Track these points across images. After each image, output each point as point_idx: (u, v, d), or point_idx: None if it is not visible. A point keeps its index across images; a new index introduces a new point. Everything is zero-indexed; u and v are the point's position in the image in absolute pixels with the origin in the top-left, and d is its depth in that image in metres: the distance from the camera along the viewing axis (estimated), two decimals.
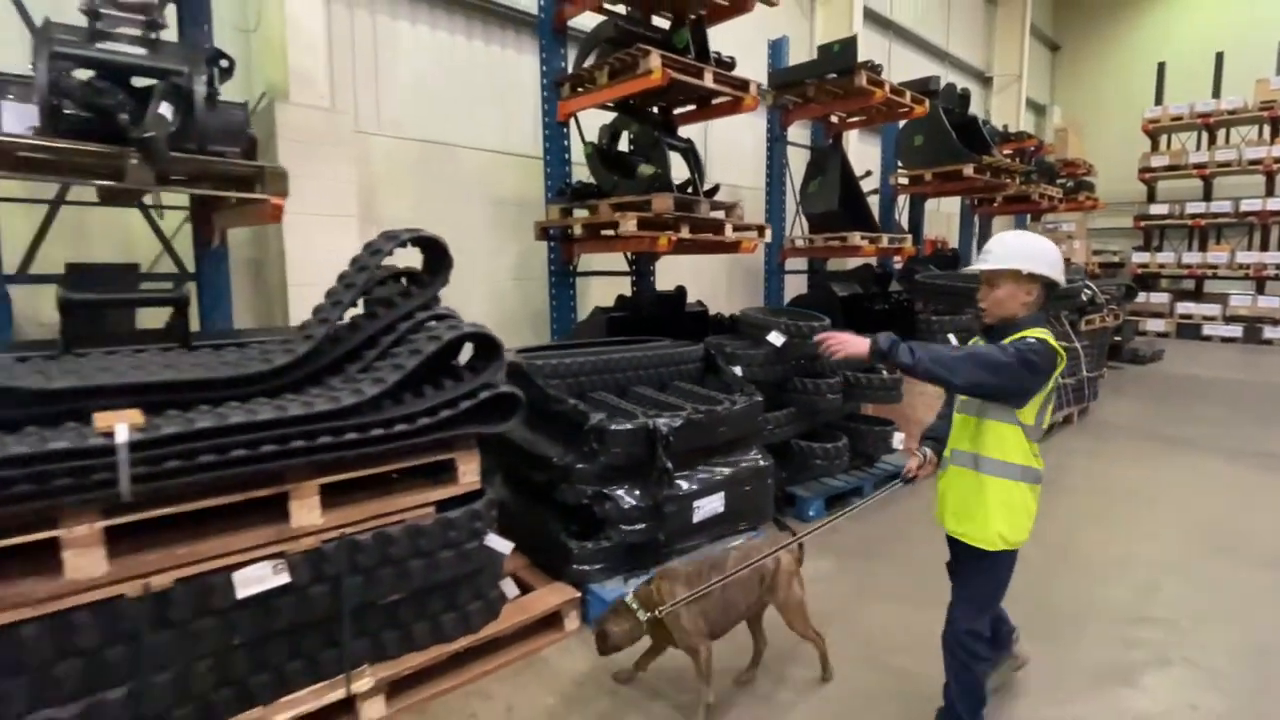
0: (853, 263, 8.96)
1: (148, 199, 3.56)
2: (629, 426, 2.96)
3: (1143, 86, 15.36)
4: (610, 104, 5.30)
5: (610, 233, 5.09)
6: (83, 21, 2.81)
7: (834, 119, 7.80)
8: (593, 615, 2.99)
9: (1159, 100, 14.71)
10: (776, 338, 4.02)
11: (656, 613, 2.25)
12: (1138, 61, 16.53)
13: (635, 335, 4.55)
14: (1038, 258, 2.02)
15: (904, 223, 9.48)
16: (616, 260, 5.98)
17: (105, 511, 1.83)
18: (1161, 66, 14.76)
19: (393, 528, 2.33)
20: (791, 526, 3.18)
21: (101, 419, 1.83)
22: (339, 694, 2.26)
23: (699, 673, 2.32)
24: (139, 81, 2.87)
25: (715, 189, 5.54)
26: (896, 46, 11.71)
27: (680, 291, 5.83)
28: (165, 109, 2.77)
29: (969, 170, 8.42)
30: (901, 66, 11.22)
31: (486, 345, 2.51)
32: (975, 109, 9.98)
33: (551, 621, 2.88)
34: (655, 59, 4.49)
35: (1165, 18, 16.64)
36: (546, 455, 3.07)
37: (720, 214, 5.19)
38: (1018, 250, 2.04)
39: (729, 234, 5.26)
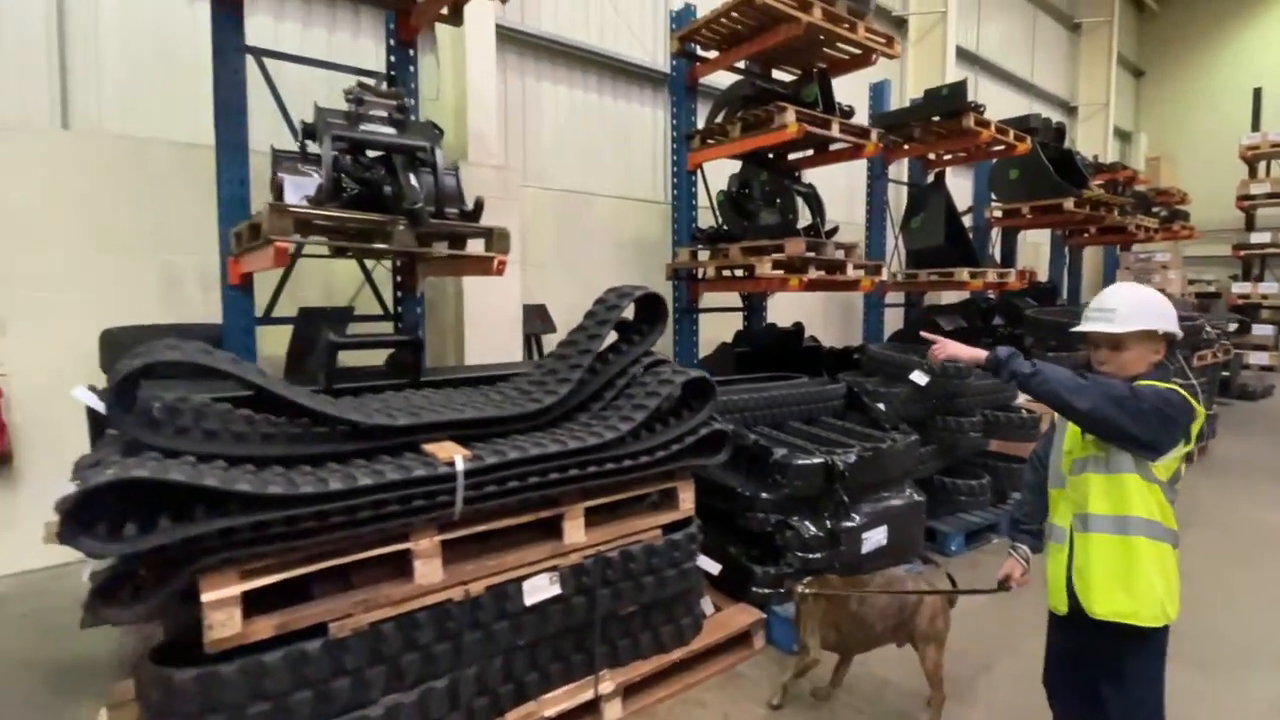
0: (946, 296, 9.05)
1: None
2: (811, 461, 3.22)
3: (1233, 112, 14.88)
4: (736, 154, 5.67)
5: (741, 273, 5.42)
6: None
7: (931, 156, 7.98)
8: (774, 635, 3.24)
9: (1256, 126, 14.21)
10: (920, 377, 4.22)
11: (801, 587, 2.52)
12: (1227, 87, 16.04)
13: (756, 369, 4.84)
14: (1167, 314, 1.89)
15: (996, 255, 9.51)
16: (729, 297, 6.30)
17: (440, 528, 2.21)
18: (1258, 93, 14.31)
19: (633, 547, 2.66)
20: (936, 560, 3.33)
21: (439, 450, 2.23)
22: (589, 694, 2.57)
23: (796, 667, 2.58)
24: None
25: (835, 230, 5.81)
26: (983, 80, 11.80)
27: (798, 328, 6.08)
28: (416, 179, 3.27)
29: (1070, 204, 8.44)
30: (987, 99, 11.27)
31: (703, 388, 2.83)
32: None
33: (743, 639, 3.14)
34: (791, 114, 4.84)
35: (1255, 43, 16.13)
36: (730, 485, 3.36)
37: (842, 254, 5.46)
38: (1146, 308, 1.88)
39: (850, 273, 5.50)
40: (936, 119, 7.01)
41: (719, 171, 5.94)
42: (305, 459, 2.09)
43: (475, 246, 3.48)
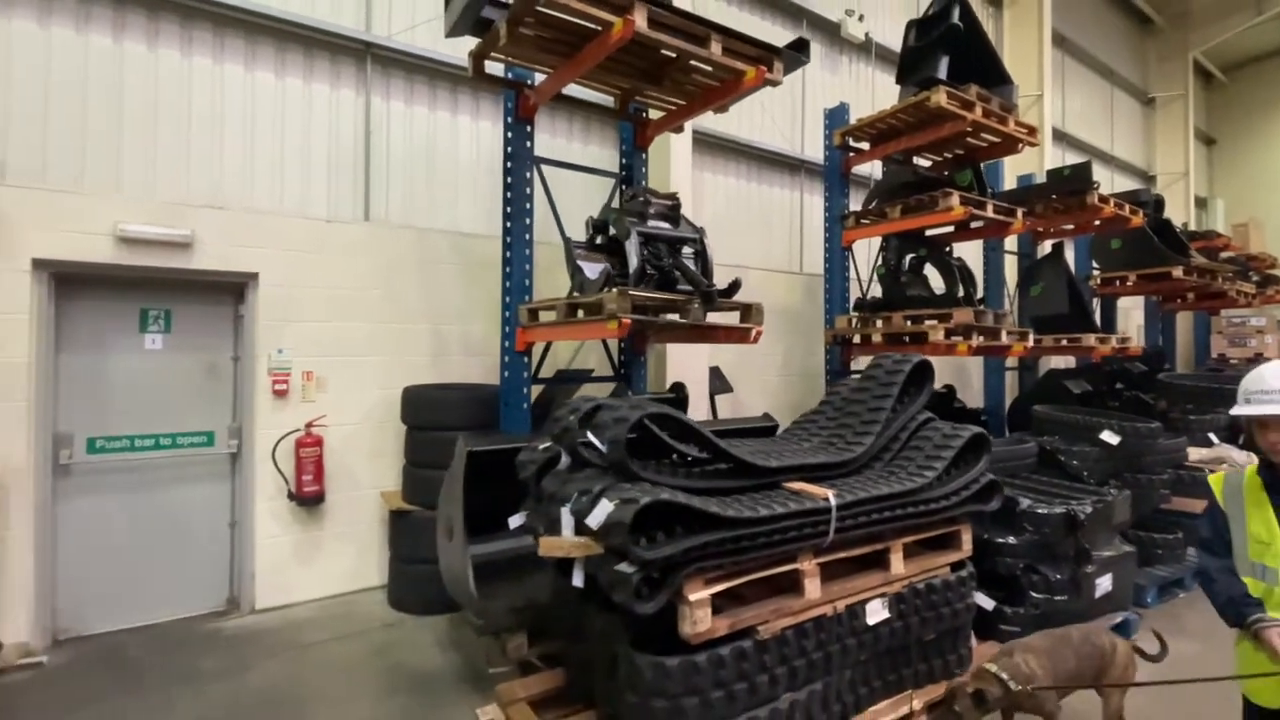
0: (1055, 360, 9.37)
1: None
2: (1054, 511, 3.62)
3: None
4: (891, 233, 6.29)
5: (906, 339, 5.94)
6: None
7: (1039, 229, 8.49)
8: None
9: None
10: (1111, 437, 4.59)
11: (1028, 689, 2.57)
12: None
13: None
14: None
15: (1096, 320, 9.82)
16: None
17: (815, 553, 2.70)
18: None
19: (934, 580, 3.09)
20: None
21: (808, 488, 2.75)
22: (905, 710, 2.95)
23: None
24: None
25: (983, 299, 6.31)
26: (1068, 153, 12.39)
27: (949, 390, 6.52)
28: (692, 264, 3.94)
29: (1178, 272, 8.77)
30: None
31: (978, 442, 3.31)
32: None
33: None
34: (956, 199, 5.44)
35: None
36: (976, 531, 3.76)
37: (993, 322, 5.94)
38: None
39: (1004, 339, 5.96)
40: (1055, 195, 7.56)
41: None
42: (716, 492, 2.63)
43: (731, 319, 4.11)
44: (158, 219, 4.06)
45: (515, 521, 3.12)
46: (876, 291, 6.60)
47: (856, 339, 6.37)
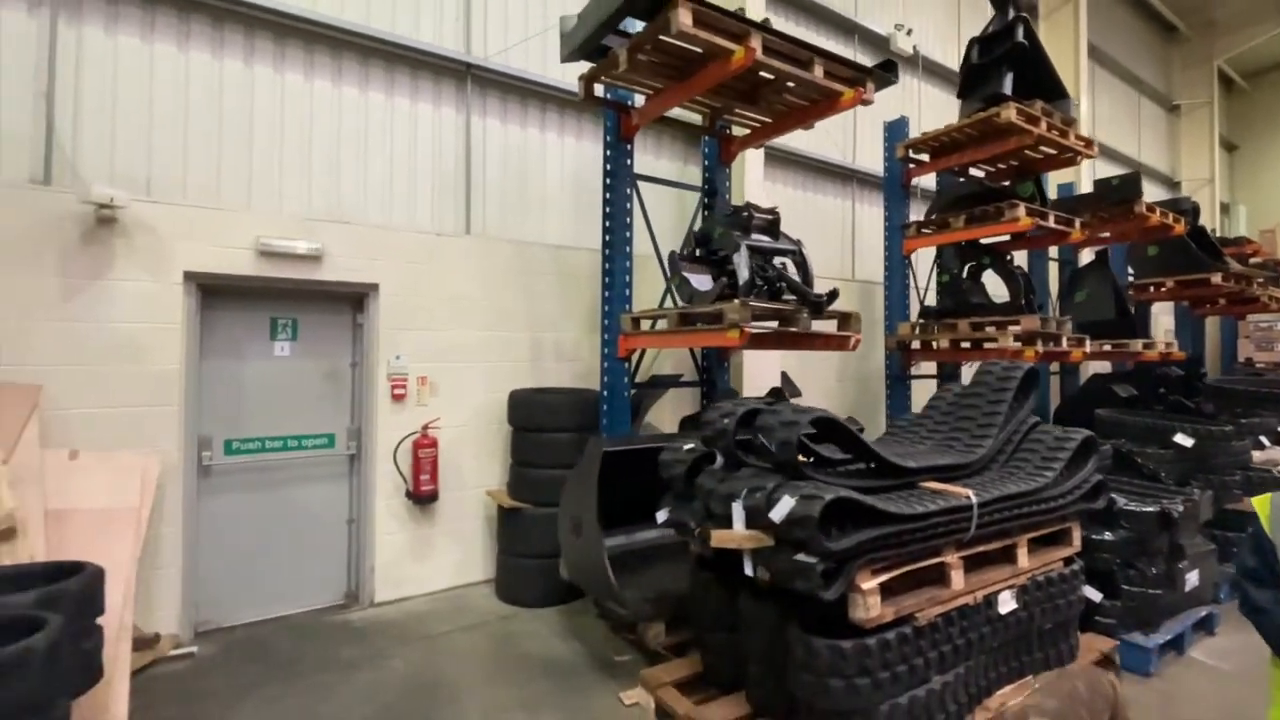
0: (1094, 365, 9.57)
1: None
2: (1149, 509, 3.83)
3: None
4: (952, 242, 6.50)
5: (968, 345, 6.15)
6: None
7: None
8: (1123, 659, 3.76)
9: None
10: (1185, 439, 4.80)
11: None
12: None
13: None
14: None
15: None
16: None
17: (956, 547, 2.92)
18: None
19: (1051, 573, 3.30)
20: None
21: (947, 488, 2.96)
22: (1027, 694, 3.16)
23: None
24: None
25: (1044, 305, 6.52)
26: (1099, 161, 12.59)
27: None
28: (794, 271, 4.17)
29: (1217, 279, 8.97)
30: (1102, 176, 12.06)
31: (1088, 445, 3.52)
32: None
33: (1106, 661, 3.67)
34: (1022, 210, 5.66)
35: None
36: None
37: (1055, 328, 6.15)
38: None
39: (1064, 345, 6.17)
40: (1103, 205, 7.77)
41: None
42: (868, 490, 2.85)
43: (829, 326, 4.33)
44: (293, 233, 4.31)
45: (661, 516, 3.34)
46: (931, 299, 6.83)
47: (916, 344, 6.58)
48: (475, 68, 5.26)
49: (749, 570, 2.76)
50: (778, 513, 2.52)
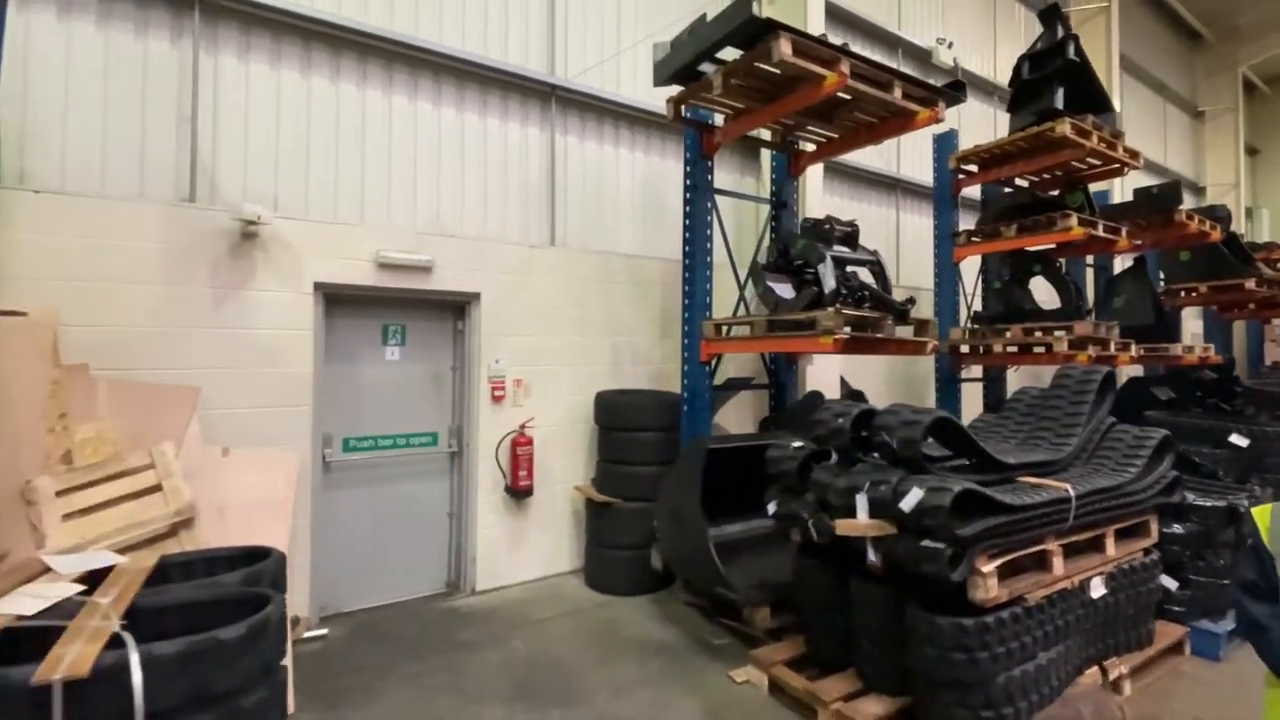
0: (1126, 370, 9.81)
1: None
2: (1217, 504, 4.08)
3: None
4: (1002, 251, 6.76)
5: (999, 349, 6.41)
6: None
7: None
8: (1195, 647, 4.01)
9: None
10: (1240, 439, 5.04)
11: None
12: None
13: None
14: None
15: None
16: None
17: (1056, 536, 3.19)
18: None
19: (1134, 562, 3.56)
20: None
21: (1047, 482, 3.23)
22: (1116, 673, 3.43)
23: None
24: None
25: (1091, 311, 6.77)
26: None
27: None
28: (871, 282, 4.45)
29: (1250, 284, 9.18)
30: (1131, 183, 12.27)
31: (1165, 444, 3.78)
32: None
33: (1177, 647, 3.93)
34: (1074, 220, 5.92)
35: None
36: None
37: (1104, 333, 6.39)
38: None
39: (1112, 349, 6.42)
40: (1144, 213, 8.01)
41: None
42: (981, 484, 3.13)
43: (905, 332, 4.60)
44: (408, 246, 4.63)
45: (771, 509, 3.63)
46: (977, 304, 7.09)
47: (964, 349, 6.83)
48: (559, 88, 5.57)
49: (871, 557, 3.03)
50: (907, 503, 2.80)
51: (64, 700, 2.02)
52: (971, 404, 7.26)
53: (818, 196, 6.52)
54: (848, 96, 4.64)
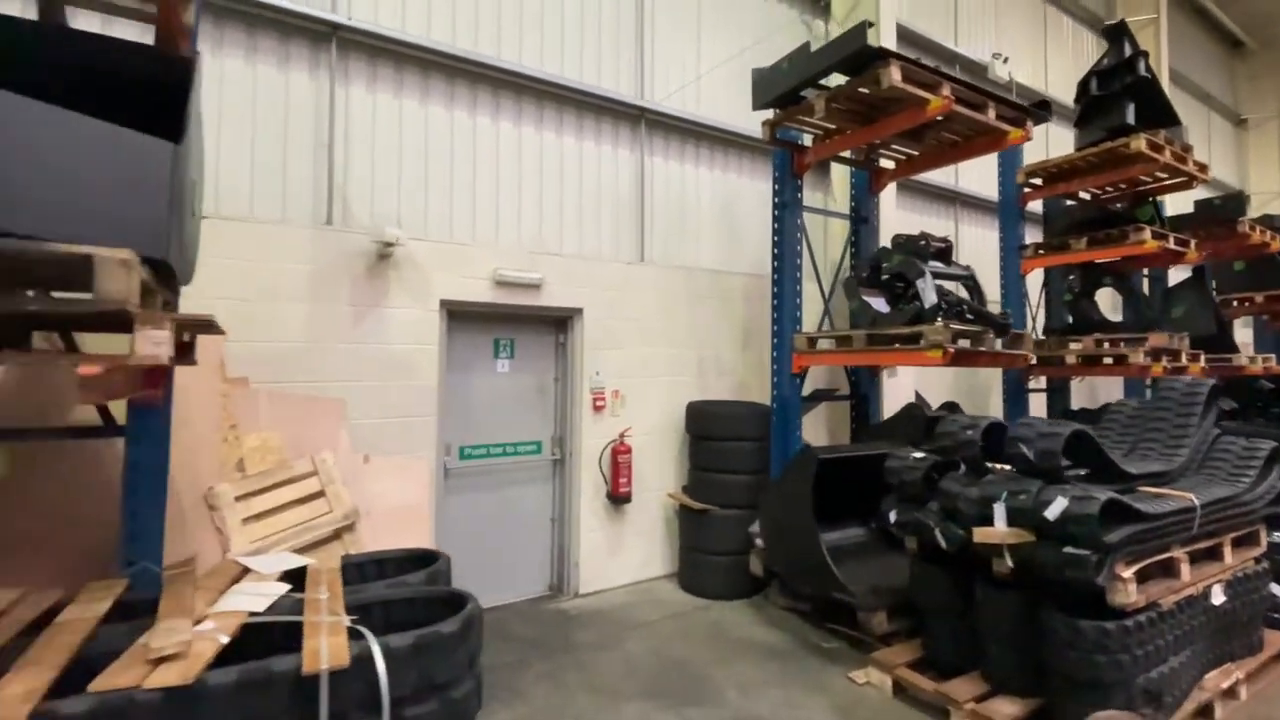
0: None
1: None
2: None
3: None
4: (1070, 263, 6.86)
5: (1073, 360, 6.50)
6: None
7: None
8: None
9: None
10: None
11: None
12: None
13: None
14: None
15: None
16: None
17: (1181, 543, 3.31)
18: None
19: (1247, 570, 3.67)
20: None
21: (1169, 492, 3.36)
22: (1234, 678, 3.53)
23: None
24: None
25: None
26: None
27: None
28: (970, 298, 4.60)
29: None
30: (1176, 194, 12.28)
31: (1276, 455, 3.89)
32: None
33: None
34: (1148, 233, 6.03)
35: None
36: None
37: (1175, 344, 6.47)
38: None
39: (1184, 360, 6.49)
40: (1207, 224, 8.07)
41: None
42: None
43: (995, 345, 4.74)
44: (522, 265, 4.87)
45: (892, 517, 3.78)
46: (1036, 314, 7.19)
47: (1033, 360, 6.92)
48: (648, 111, 5.80)
49: (1009, 563, 3.18)
50: (1052, 511, 2.95)
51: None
52: (1035, 414, 7.35)
53: (891, 211, 6.68)
54: (940, 117, 4.83)
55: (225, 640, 2.27)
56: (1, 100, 1.86)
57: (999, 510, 3.16)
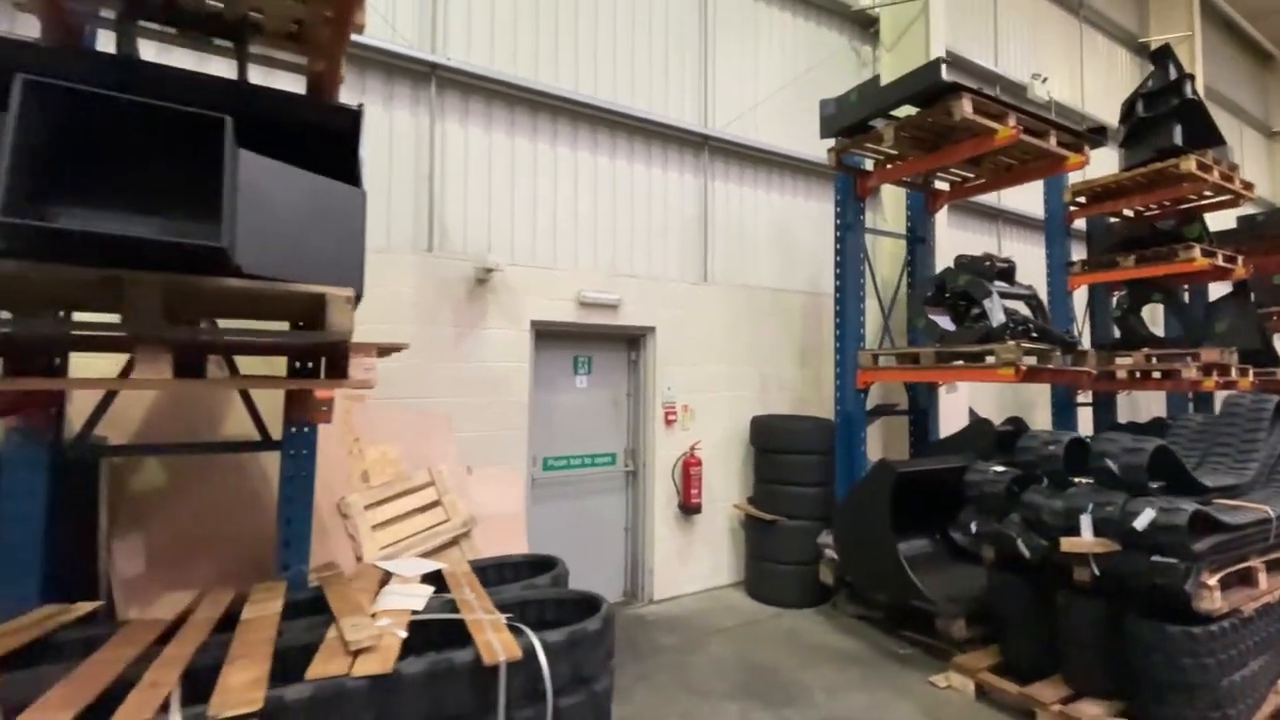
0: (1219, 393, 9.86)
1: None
2: None
3: None
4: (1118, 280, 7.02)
5: (1123, 375, 6.64)
6: None
7: None
8: None
9: None
10: None
11: None
12: None
13: None
14: None
15: None
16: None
17: (1260, 553, 3.48)
18: None
19: None
20: None
21: (1245, 504, 3.53)
22: None
23: None
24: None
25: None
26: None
27: (1156, 422, 7.14)
28: (1034, 316, 4.80)
29: None
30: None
31: None
32: None
33: None
34: (1198, 251, 6.18)
35: None
36: None
37: (1225, 359, 6.60)
38: None
39: (1234, 374, 6.62)
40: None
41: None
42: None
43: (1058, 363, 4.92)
44: (602, 286, 5.16)
45: (973, 528, 3.98)
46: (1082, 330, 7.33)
47: (1118, 374, 7.05)
48: (711, 138, 6.09)
49: (1095, 571, 3.36)
50: (1140, 522, 3.14)
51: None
52: (1081, 428, 7.48)
53: (944, 231, 6.89)
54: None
55: (404, 635, 2.52)
56: (246, 161, 2.15)
57: (1085, 521, 3.35)
